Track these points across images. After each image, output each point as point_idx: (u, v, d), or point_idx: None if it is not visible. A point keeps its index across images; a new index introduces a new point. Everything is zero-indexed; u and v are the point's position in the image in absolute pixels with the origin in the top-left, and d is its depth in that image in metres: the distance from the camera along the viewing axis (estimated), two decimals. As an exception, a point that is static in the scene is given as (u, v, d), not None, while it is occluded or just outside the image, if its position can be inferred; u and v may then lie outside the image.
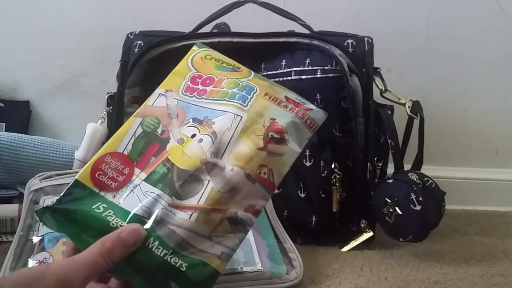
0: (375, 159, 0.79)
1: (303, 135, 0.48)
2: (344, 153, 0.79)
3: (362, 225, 0.80)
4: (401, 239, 0.74)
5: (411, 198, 0.71)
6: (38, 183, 0.70)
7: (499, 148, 1.11)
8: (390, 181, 0.75)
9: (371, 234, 0.80)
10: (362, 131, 0.79)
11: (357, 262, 0.74)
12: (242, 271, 0.61)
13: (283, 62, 0.80)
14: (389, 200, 0.74)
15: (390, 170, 0.80)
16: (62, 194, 0.43)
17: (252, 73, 0.52)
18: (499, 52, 1.06)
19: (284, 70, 0.80)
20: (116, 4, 1.05)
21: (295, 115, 0.48)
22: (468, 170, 1.10)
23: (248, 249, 0.64)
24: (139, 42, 0.83)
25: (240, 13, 0.88)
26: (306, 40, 0.80)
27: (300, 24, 0.87)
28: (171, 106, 0.49)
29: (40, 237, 0.62)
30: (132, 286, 0.42)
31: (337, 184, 0.78)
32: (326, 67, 0.78)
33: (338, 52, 0.79)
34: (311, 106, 0.50)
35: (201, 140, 0.45)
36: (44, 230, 0.63)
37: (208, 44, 0.78)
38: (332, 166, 0.78)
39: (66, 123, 1.10)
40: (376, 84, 0.81)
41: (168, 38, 0.80)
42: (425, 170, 0.80)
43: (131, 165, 0.45)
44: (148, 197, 0.42)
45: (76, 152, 0.82)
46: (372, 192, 0.77)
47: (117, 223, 0.41)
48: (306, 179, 0.78)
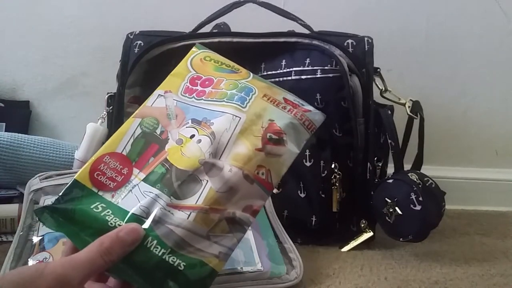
0: (375, 159, 0.79)
1: (301, 136, 0.49)
2: (344, 153, 0.79)
3: (362, 225, 0.80)
4: (401, 239, 0.74)
5: (411, 198, 0.71)
6: (38, 183, 0.71)
7: (499, 148, 1.11)
8: (390, 181, 0.75)
9: (371, 234, 0.80)
10: (362, 131, 0.79)
11: (357, 262, 0.74)
12: (242, 271, 0.61)
13: (283, 62, 0.80)
14: (389, 200, 0.74)
15: (390, 170, 0.80)
16: (60, 194, 0.43)
17: (251, 74, 0.52)
18: (499, 52, 1.06)
19: (284, 70, 0.80)
20: (116, 4, 1.05)
21: (294, 117, 0.48)
22: (468, 170, 1.10)
23: (248, 249, 0.64)
24: (139, 42, 0.83)
25: (240, 13, 0.88)
26: (306, 40, 0.80)
27: (300, 24, 0.87)
28: (170, 107, 0.49)
29: (40, 237, 0.62)
30: (130, 285, 0.42)
31: (337, 184, 0.78)
32: (326, 67, 0.78)
33: (338, 52, 0.79)
34: (310, 107, 0.51)
35: (199, 141, 0.46)
36: (44, 230, 0.63)
37: (208, 44, 0.79)
38: (332, 166, 0.78)
39: (66, 123, 1.10)
40: (376, 84, 0.81)
41: (168, 38, 0.80)
42: (425, 170, 0.80)
43: (129, 165, 0.45)
44: (147, 197, 0.42)
45: (76, 152, 0.82)
46: (372, 192, 0.77)
47: (115, 223, 0.41)
48: (306, 179, 0.78)
